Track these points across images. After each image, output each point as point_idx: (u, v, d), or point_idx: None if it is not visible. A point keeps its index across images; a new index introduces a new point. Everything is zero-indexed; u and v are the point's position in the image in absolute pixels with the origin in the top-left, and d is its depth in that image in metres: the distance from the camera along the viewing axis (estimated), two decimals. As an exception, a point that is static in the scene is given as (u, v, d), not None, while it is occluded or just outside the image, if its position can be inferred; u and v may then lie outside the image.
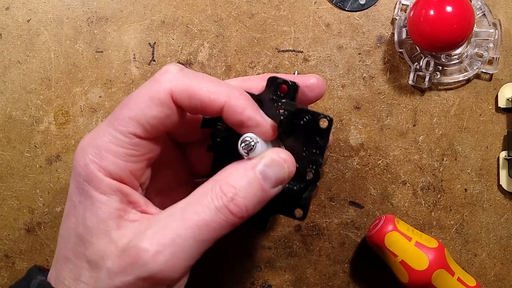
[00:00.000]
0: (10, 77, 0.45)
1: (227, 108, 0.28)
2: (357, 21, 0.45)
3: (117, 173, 0.28)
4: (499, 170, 0.45)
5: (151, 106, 0.28)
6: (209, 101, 0.28)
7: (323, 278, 0.45)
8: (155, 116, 0.28)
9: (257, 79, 0.33)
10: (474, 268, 0.45)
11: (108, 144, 0.27)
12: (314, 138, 0.31)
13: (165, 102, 0.28)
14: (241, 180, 0.28)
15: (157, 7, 0.45)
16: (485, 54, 0.44)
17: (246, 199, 0.28)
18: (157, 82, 0.28)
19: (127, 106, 0.28)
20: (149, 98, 0.28)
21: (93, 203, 0.27)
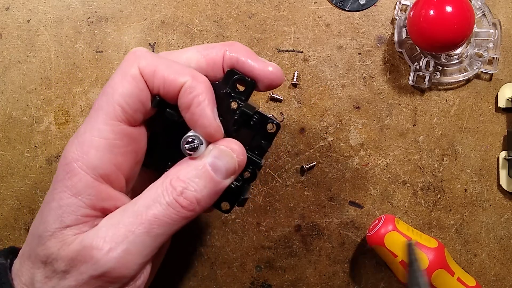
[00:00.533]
0: (10, 77, 0.45)
1: (185, 87, 0.28)
2: (357, 21, 0.45)
3: (101, 167, 0.27)
4: (499, 170, 0.45)
5: (124, 83, 0.27)
6: (172, 78, 0.28)
7: (323, 278, 0.45)
8: (130, 93, 0.27)
9: (219, 47, 0.31)
10: (474, 268, 0.45)
11: (90, 138, 0.27)
12: (259, 139, 0.31)
13: (136, 76, 0.28)
14: (190, 173, 0.28)
15: (157, 7, 0.45)
16: (485, 54, 0.44)
17: (196, 192, 0.28)
18: (125, 61, 0.28)
19: (103, 94, 0.28)
20: (121, 76, 0.28)
21: (60, 206, 0.27)
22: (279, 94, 0.45)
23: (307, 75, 0.45)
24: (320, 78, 0.45)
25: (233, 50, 0.30)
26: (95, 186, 0.27)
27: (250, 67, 0.30)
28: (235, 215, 0.45)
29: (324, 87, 0.45)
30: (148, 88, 0.28)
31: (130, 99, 0.28)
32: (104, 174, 0.27)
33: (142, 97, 0.28)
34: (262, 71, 0.30)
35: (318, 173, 0.45)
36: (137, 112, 0.28)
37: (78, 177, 0.27)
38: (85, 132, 0.27)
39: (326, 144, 0.45)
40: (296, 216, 0.45)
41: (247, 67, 0.30)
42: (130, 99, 0.28)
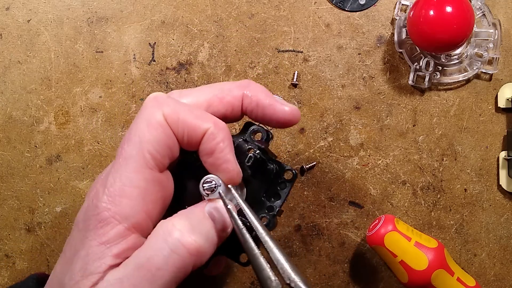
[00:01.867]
0: (10, 77, 0.45)
1: (208, 135, 0.28)
2: (357, 21, 0.45)
3: (134, 216, 0.27)
4: (499, 170, 0.45)
5: (150, 131, 0.28)
6: (196, 125, 0.28)
7: (323, 278, 0.45)
8: (157, 139, 0.28)
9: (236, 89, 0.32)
10: (473, 268, 0.45)
11: (122, 187, 0.27)
12: (276, 186, 0.32)
13: (162, 123, 0.28)
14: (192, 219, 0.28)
15: (157, 7, 0.45)
16: (485, 54, 0.44)
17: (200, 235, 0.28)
18: (147, 108, 0.28)
19: (131, 142, 0.28)
20: (146, 124, 0.28)
21: (88, 254, 0.27)
22: (279, 94, 0.45)
23: (307, 75, 0.45)
24: (320, 78, 0.45)
25: (251, 91, 0.31)
26: (125, 235, 0.27)
27: (271, 112, 0.31)
28: (235, 215, 0.45)
29: (324, 87, 0.45)
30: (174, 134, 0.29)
31: (159, 146, 0.28)
32: (136, 223, 0.28)
33: (170, 143, 0.28)
34: (282, 113, 0.31)
35: (318, 173, 0.45)
36: (166, 158, 0.29)
37: (110, 226, 0.27)
38: (115, 181, 0.27)
39: (326, 144, 0.45)
40: (296, 216, 0.45)
41: (268, 111, 0.31)
42: (159, 146, 0.28)
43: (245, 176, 0.32)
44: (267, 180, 0.32)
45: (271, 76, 0.45)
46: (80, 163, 0.44)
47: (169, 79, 0.45)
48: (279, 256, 0.26)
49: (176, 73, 0.45)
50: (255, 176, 0.32)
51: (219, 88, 0.31)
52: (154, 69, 0.45)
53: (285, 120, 0.31)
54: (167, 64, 0.45)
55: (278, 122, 0.31)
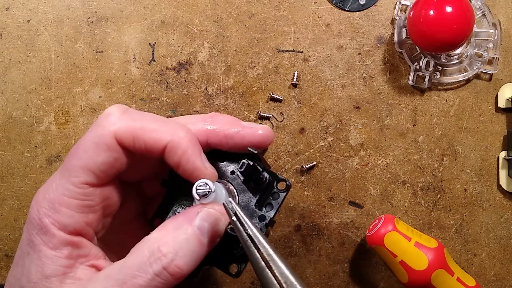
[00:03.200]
0: (10, 77, 0.45)
1: (169, 149, 0.28)
2: (357, 21, 0.45)
3: (72, 225, 0.27)
4: (499, 170, 0.45)
5: (98, 152, 0.27)
6: (153, 142, 0.28)
7: (323, 278, 0.45)
8: (103, 161, 0.28)
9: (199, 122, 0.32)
10: (473, 268, 0.45)
11: (61, 197, 0.27)
12: (268, 196, 0.32)
13: (111, 146, 0.28)
14: (179, 237, 0.28)
15: (157, 7, 0.45)
16: (485, 54, 0.44)
17: (185, 258, 0.27)
18: (100, 126, 0.28)
19: (75, 155, 0.28)
20: (95, 144, 0.27)
21: (40, 257, 0.27)
22: (279, 94, 0.45)
23: (307, 75, 0.45)
24: (320, 78, 0.45)
25: (215, 124, 0.31)
26: (68, 240, 0.27)
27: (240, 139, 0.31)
28: (235, 215, 0.45)
29: (324, 87, 0.45)
30: (128, 151, 0.28)
31: (103, 166, 0.28)
32: (75, 230, 0.28)
33: (117, 165, 0.28)
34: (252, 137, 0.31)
35: (318, 173, 0.45)
36: (110, 176, 0.29)
37: (51, 232, 0.27)
38: (56, 189, 0.27)
39: (326, 144, 0.45)
40: (296, 216, 0.45)
41: (237, 139, 0.31)
42: (103, 167, 0.28)
43: (237, 183, 0.32)
44: (259, 189, 0.32)
45: (271, 76, 0.45)
46: (80, 163, 0.45)
47: (169, 79, 0.45)
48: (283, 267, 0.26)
49: (176, 73, 0.45)
50: (247, 183, 0.32)
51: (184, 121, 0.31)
52: (154, 69, 0.45)
53: (258, 143, 0.31)
54: (167, 64, 0.45)
55: (252, 146, 0.31)
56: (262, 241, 0.27)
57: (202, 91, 0.45)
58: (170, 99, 0.45)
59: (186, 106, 0.45)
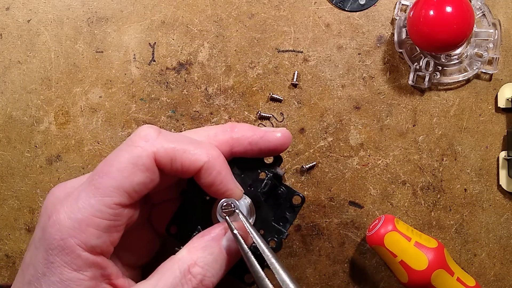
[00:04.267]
0: (10, 77, 0.45)
1: (204, 170, 0.29)
2: (357, 21, 0.45)
3: (98, 246, 0.27)
4: (499, 170, 0.45)
5: (136, 172, 0.27)
6: (189, 163, 0.28)
7: (323, 278, 0.45)
8: (140, 182, 0.27)
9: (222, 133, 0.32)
10: (473, 268, 0.45)
11: (90, 217, 0.27)
12: (284, 210, 0.33)
13: (150, 167, 0.28)
14: (208, 258, 0.29)
15: (157, 7, 0.45)
16: (485, 54, 0.44)
17: (212, 278, 0.28)
18: (137, 147, 0.28)
19: (109, 175, 0.27)
20: (133, 165, 0.27)
21: (62, 280, 0.26)
22: (279, 94, 0.45)
23: (307, 75, 0.45)
24: (320, 78, 0.45)
25: (238, 133, 0.32)
26: (94, 261, 0.27)
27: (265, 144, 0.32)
28: (235, 215, 0.45)
29: (324, 87, 0.45)
30: (162, 172, 0.29)
31: (139, 187, 0.28)
32: (101, 251, 0.28)
33: (151, 185, 0.28)
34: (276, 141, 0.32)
35: (318, 173, 0.45)
36: (142, 196, 0.29)
37: (76, 253, 0.27)
38: (84, 209, 0.27)
39: (326, 144, 0.45)
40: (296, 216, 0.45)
41: (263, 145, 0.32)
42: (138, 187, 0.28)
43: (258, 201, 0.32)
44: (277, 204, 0.33)
45: (271, 76, 0.45)
46: (80, 163, 0.45)
47: (169, 79, 0.45)
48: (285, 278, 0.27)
49: (176, 73, 0.45)
50: (267, 201, 0.33)
51: (205, 134, 0.32)
52: (154, 69, 0.45)
53: (281, 146, 0.32)
54: (167, 64, 0.45)
55: (276, 151, 0.32)
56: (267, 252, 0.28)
57: (202, 91, 0.45)
58: (170, 99, 0.45)
59: (186, 106, 0.45)
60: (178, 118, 0.45)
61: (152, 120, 0.44)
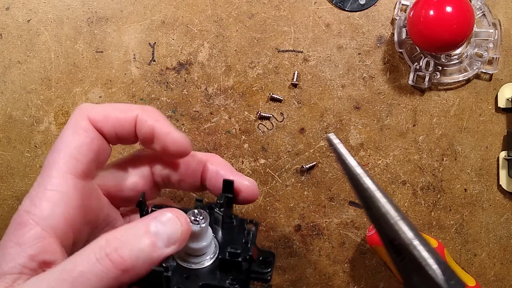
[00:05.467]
0: (10, 77, 0.45)
1: (139, 119, 0.29)
2: (357, 21, 0.45)
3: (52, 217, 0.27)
4: (499, 170, 0.45)
5: (75, 137, 0.28)
6: (124, 116, 0.29)
7: (323, 278, 0.45)
8: (82, 143, 0.28)
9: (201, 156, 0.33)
10: (474, 268, 0.45)
11: (43, 190, 0.27)
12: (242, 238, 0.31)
13: (87, 128, 0.29)
14: (129, 234, 0.27)
15: (157, 7, 0.45)
16: (485, 54, 0.44)
17: (131, 252, 0.26)
18: (73, 116, 0.29)
19: (55, 150, 0.28)
20: (72, 131, 0.28)
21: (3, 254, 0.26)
22: (279, 94, 0.45)
23: (307, 75, 0.45)
24: (320, 78, 0.45)
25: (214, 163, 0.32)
26: (41, 237, 0.27)
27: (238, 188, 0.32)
28: (235, 215, 0.45)
29: (324, 87, 0.45)
30: (103, 135, 0.29)
31: (83, 150, 0.28)
32: (54, 225, 0.27)
33: (95, 147, 0.29)
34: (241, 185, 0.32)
35: (318, 173, 0.45)
36: (92, 163, 0.29)
37: (27, 227, 0.26)
38: (38, 185, 0.27)
39: (326, 144, 0.45)
40: (296, 216, 0.45)
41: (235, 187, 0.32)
42: (83, 150, 0.28)
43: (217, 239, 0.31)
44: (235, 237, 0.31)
45: (271, 76, 0.45)
46: (80, 163, 0.45)
47: (169, 79, 0.45)
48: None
49: (176, 73, 0.45)
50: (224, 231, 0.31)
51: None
52: (154, 69, 0.45)
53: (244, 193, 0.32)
54: (167, 64, 0.45)
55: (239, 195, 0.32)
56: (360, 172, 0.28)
57: (202, 91, 0.45)
58: (170, 99, 0.45)
59: (186, 106, 0.45)
60: (178, 118, 0.45)
61: (152, 120, 0.44)
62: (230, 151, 0.44)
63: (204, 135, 0.44)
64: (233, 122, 0.45)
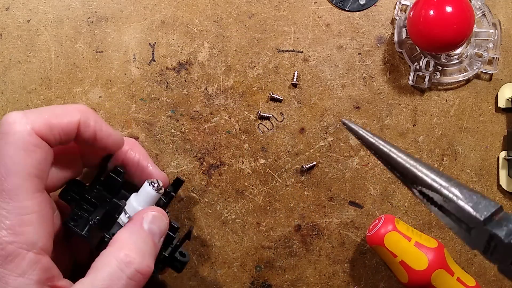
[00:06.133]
0: (10, 77, 0.45)
1: (82, 125, 0.30)
2: (357, 21, 0.45)
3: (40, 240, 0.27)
4: (499, 170, 0.45)
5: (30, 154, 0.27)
6: (67, 122, 0.29)
7: (323, 278, 0.45)
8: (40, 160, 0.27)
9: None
10: (473, 268, 0.45)
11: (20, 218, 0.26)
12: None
13: (38, 143, 0.27)
14: (139, 241, 0.30)
15: (157, 7, 0.45)
16: (485, 54, 0.44)
17: (150, 258, 0.30)
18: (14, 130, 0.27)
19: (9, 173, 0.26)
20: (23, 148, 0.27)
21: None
22: (279, 94, 0.45)
23: (307, 75, 0.45)
24: (320, 78, 0.45)
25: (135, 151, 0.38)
26: (37, 261, 0.27)
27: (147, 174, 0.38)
28: (235, 215, 0.45)
29: (324, 87, 0.45)
30: (49, 144, 0.29)
31: (42, 167, 0.28)
32: (42, 245, 0.27)
33: (48, 158, 0.29)
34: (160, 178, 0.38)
35: (318, 173, 0.45)
36: (47, 173, 0.29)
37: (20, 257, 0.26)
38: (10, 214, 0.26)
39: (326, 144, 0.45)
40: (296, 216, 0.45)
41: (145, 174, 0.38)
42: (42, 167, 0.28)
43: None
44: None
45: (271, 76, 0.45)
46: (80, 163, 0.44)
47: (169, 79, 0.45)
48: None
49: (176, 73, 0.45)
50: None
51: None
52: (154, 69, 0.45)
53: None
54: (167, 64, 0.45)
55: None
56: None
57: (202, 91, 0.45)
58: (170, 99, 0.45)
59: (186, 106, 0.45)
60: (178, 118, 0.45)
61: (152, 120, 0.44)
62: (230, 151, 0.44)
63: (204, 135, 0.44)
64: (233, 122, 0.45)
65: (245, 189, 0.44)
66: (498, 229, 0.24)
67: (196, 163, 0.44)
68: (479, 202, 0.24)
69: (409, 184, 0.27)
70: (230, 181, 0.44)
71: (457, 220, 0.25)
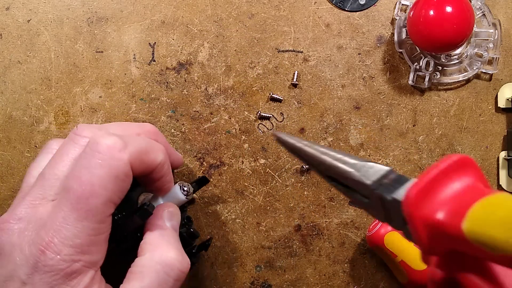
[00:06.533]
0: (10, 77, 0.45)
1: (160, 166, 0.32)
2: (357, 21, 0.45)
3: (102, 258, 0.28)
4: (499, 170, 0.45)
5: (118, 183, 0.28)
6: (152, 161, 0.31)
7: (323, 278, 0.45)
8: (123, 190, 0.29)
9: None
10: (473, 268, 0.45)
11: (89, 238, 0.27)
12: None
13: (128, 174, 0.29)
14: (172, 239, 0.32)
15: (157, 7, 0.45)
16: (485, 54, 0.44)
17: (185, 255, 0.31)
18: (115, 159, 0.28)
19: (94, 195, 0.27)
20: (115, 178, 0.28)
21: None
22: (279, 94, 0.45)
23: (307, 75, 0.45)
24: (320, 78, 0.45)
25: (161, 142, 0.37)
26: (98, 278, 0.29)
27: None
28: (235, 215, 0.45)
29: (324, 87, 0.45)
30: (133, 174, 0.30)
31: (121, 194, 0.29)
32: (102, 263, 0.29)
33: (127, 187, 0.30)
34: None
35: (318, 173, 0.45)
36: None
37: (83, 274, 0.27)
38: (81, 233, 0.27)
39: (326, 144, 0.45)
40: (296, 216, 0.45)
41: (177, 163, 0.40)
42: (121, 194, 0.29)
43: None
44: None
45: (271, 76, 0.45)
46: (80, 163, 0.44)
47: (169, 79, 0.45)
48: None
49: (176, 73, 0.45)
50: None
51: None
52: (154, 69, 0.45)
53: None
54: (167, 64, 0.45)
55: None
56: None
57: (202, 91, 0.45)
58: (170, 99, 0.45)
59: (186, 106, 0.45)
60: (178, 118, 0.45)
61: (152, 120, 0.44)
62: (230, 151, 0.44)
63: (204, 135, 0.44)
64: (233, 122, 0.45)
65: (245, 189, 0.44)
66: (386, 190, 0.22)
67: (196, 163, 0.44)
68: (368, 169, 0.24)
69: (324, 175, 0.26)
70: (230, 181, 0.44)
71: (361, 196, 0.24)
